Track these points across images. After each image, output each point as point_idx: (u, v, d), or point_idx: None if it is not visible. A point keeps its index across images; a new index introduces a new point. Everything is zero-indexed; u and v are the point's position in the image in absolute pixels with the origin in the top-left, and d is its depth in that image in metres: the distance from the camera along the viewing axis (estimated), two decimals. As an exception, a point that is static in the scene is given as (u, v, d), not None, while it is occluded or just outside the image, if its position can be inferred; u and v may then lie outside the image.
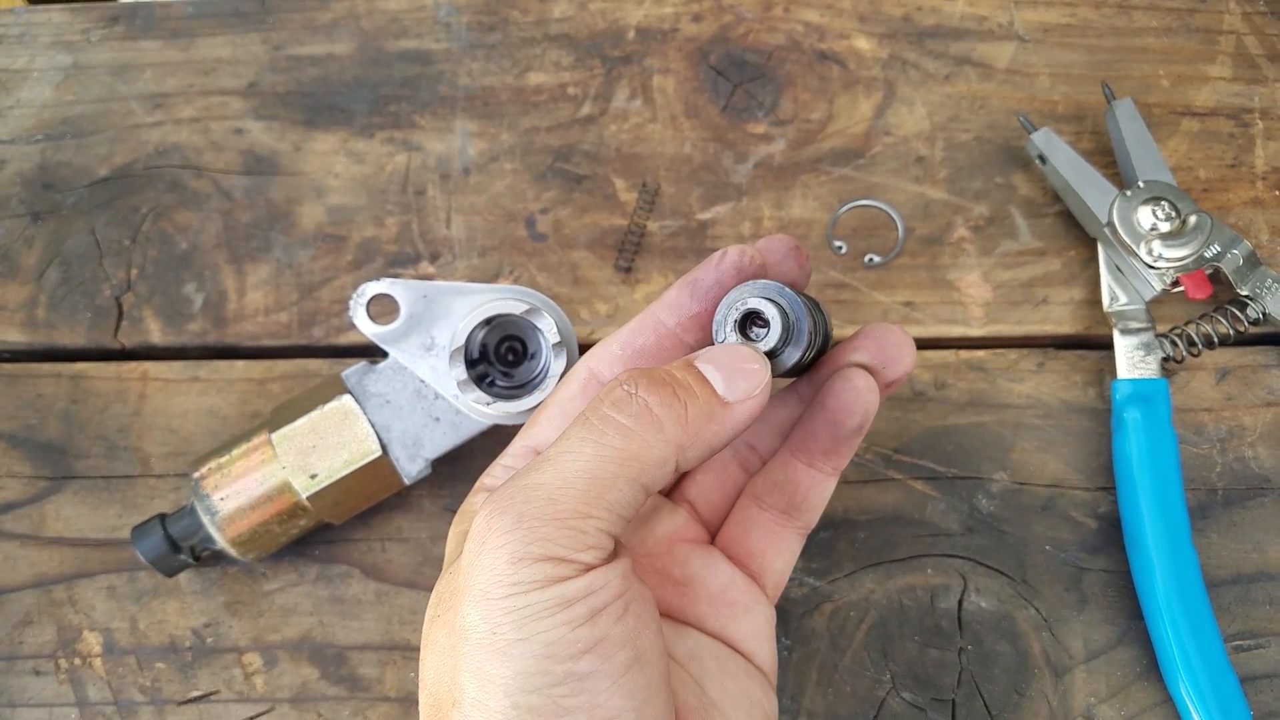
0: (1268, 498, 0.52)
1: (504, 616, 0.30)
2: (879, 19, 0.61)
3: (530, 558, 0.30)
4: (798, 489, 0.41)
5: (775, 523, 0.41)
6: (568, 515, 0.31)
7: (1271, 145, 0.58)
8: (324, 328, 0.55)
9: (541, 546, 0.30)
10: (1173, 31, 0.60)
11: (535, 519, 0.31)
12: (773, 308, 0.35)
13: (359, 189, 0.58)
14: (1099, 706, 0.48)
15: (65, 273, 0.57)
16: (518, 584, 0.30)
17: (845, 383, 0.38)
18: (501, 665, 0.30)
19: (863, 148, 0.58)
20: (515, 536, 0.30)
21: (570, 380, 0.39)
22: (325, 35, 0.61)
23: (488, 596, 0.30)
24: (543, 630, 0.30)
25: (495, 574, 0.30)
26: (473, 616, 0.31)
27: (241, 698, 0.50)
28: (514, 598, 0.30)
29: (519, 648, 0.30)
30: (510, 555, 0.30)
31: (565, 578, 0.30)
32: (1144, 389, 0.51)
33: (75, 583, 0.52)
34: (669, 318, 0.37)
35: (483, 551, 0.31)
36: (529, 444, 0.39)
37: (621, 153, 0.58)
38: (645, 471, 0.32)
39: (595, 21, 0.61)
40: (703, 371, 0.34)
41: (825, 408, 0.38)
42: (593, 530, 0.31)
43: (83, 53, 0.61)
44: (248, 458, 0.47)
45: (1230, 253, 0.52)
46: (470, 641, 0.31)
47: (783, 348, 0.35)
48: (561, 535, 0.30)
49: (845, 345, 0.40)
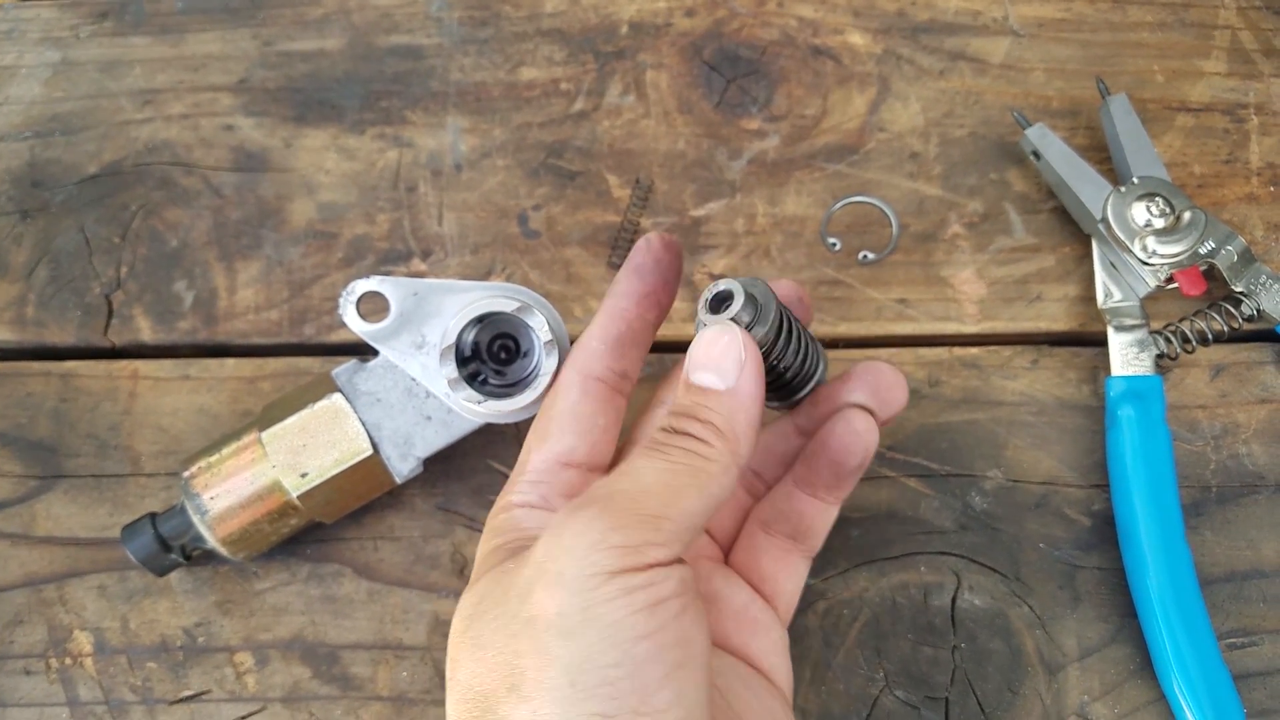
0: (1261, 495, 0.51)
1: (571, 598, 0.32)
2: (873, 14, 0.60)
3: (608, 544, 0.32)
4: (802, 517, 0.43)
5: (782, 548, 0.43)
6: (648, 513, 0.33)
7: (1266, 141, 0.58)
8: (315, 325, 0.55)
9: (621, 535, 0.32)
10: (1168, 26, 0.60)
11: (619, 512, 0.33)
12: (735, 284, 0.37)
13: (350, 186, 0.58)
14: (1092, 704, 0.48)
15: (55, 271, 0.56)
16: (592, 565, 0.32)
17: (846, 425, 0.40)
18: (564, 644, 0.31)
19: (857, 144, 0.58)
20: (598, 524, 0.32)
21: (569, 388, 0.42)
22: (316, 31, 0.61)
23: (561, 580, 0.32)
24: (605, 612, 0.31)
25: (573, 557, 0.32)
26: (545, 602, 0.32)
27: (233, 697, 0.50)
28: (585, 578, 0.32)
29: (582, 628, 0.31)
30: (590, 542, 0.32)
31: (635, 567, 0.32)
32: (1138, 386, 0.51)
33: (66, 582, 0.51)
34: (629, 304, 0.42)
35: (562, 538, 0.33)
36: (553, 456, 0.41)
37: (614, 149, 0.58)
38: (710, 482, 0.35)
39: (588, 16, 0.61)
40: (697, 380, 0.37)
41: (827, 447, 0.41)
42: (667, 530, 0.33)
43: (71, 49, 0.61)
44: (237, 457, 0.46)
45: (1225, 249, 0.52)
46: (539, 625, 0.32)
47: (751, 322, 0.37)
48: (641, 528, 0.33)
49: (840, 385, 0.42)
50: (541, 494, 0.41)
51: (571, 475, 0.41)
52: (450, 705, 0.35)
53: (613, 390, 0.42)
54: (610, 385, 0.42)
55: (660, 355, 0.54)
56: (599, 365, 0.41)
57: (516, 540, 0.39)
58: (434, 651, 0.50)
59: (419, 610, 0.51)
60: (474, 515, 0.52)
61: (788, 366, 0.40)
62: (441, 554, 0.51)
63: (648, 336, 0.43)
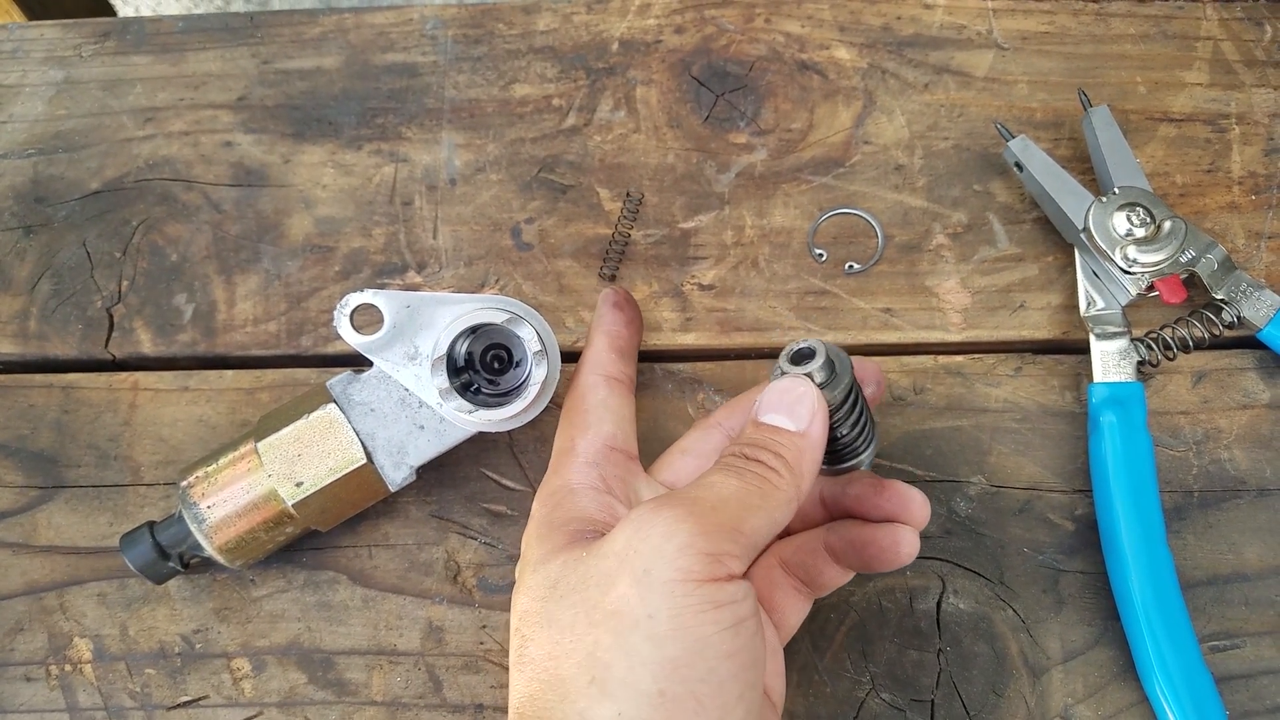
0: (1243, 500, 0.52)
1: (663, 601, 0.33)
2: (859, 29, 0.61)
3: (695, 549, 0.34)
4: (820, 574, 0.45)
5: (794, 587, 0.46)
6: (726, 525, 0.35)
7: (1248, 150, 0.59)
8: (312, 337, 0.56)
9: (707, 541, 0.34)
10: (1150, 38, 0.61)
11: (702, 517, 0.35)
12: (820, 345, 0.40)
13: (347, 200, 0.59)
14: (1076, 707, 0.49)
15: (57, 285, 0.58)
16: (680, 570, 0.33)
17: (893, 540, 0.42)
18: (656, 649, 0.33)
19: (843, 156, 0.59)
20: (685, 526, 0.34)
21: (595, 386, 0.48)
22: (313, 49, 0.62)
23: (649, 580, 0.33)
24: (696, 625, 0.33)
25: (662, 556, 0.34)
26: (632, 597, 0.33)
27: (230, 702, 0.50)
28: (674, 583, 0.33)
29: (673, 636, 0.33)
30: (678, 543, 0.34)
31: (718, 578, 0.34)
32: (1120, 392, 0.51)
33: (66, 590, 0.52)
34: (619, 327, 0.50)
35: (650, 535, 0.34)
36: (601, 440, 0.46)
37: (606, 163, 0.59)
38: (776, 507, 0.37)
39: (579, 34, 0.62)
40: (769, 420, 0.39)
41: (871, 547, 0.43)
42: (742, 543, 0.35)
43: (74, 68, 0.62)
44: (234, 466, 0.47)
45: (1205, 257, 0.53)
46: (625, 621, 0.33)
47: (824, 382, 0.40)
48: (721, 536, 0.34)
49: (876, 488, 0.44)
50: (600, 475, 0.44)
51: (619, 458, 0.46)
52: (519, 682, 0.37)
53: (626, 388, 0.48)
54: (624, 384, 0.48)
55: (650, 365, 0.55)
56: (614, 368, 0.48)
57: (586, 526, 0.41)
58: (428, 657, 0.51)
59: (413, 616, 0.51)
60: (467, 522, 0.53)
61: (842, 435, 0.42)
62: (435, 561, 0.52)
63: (635, 351, 0.52)
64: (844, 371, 0.41)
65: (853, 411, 0.42)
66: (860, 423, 0.43)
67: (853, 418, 0.42)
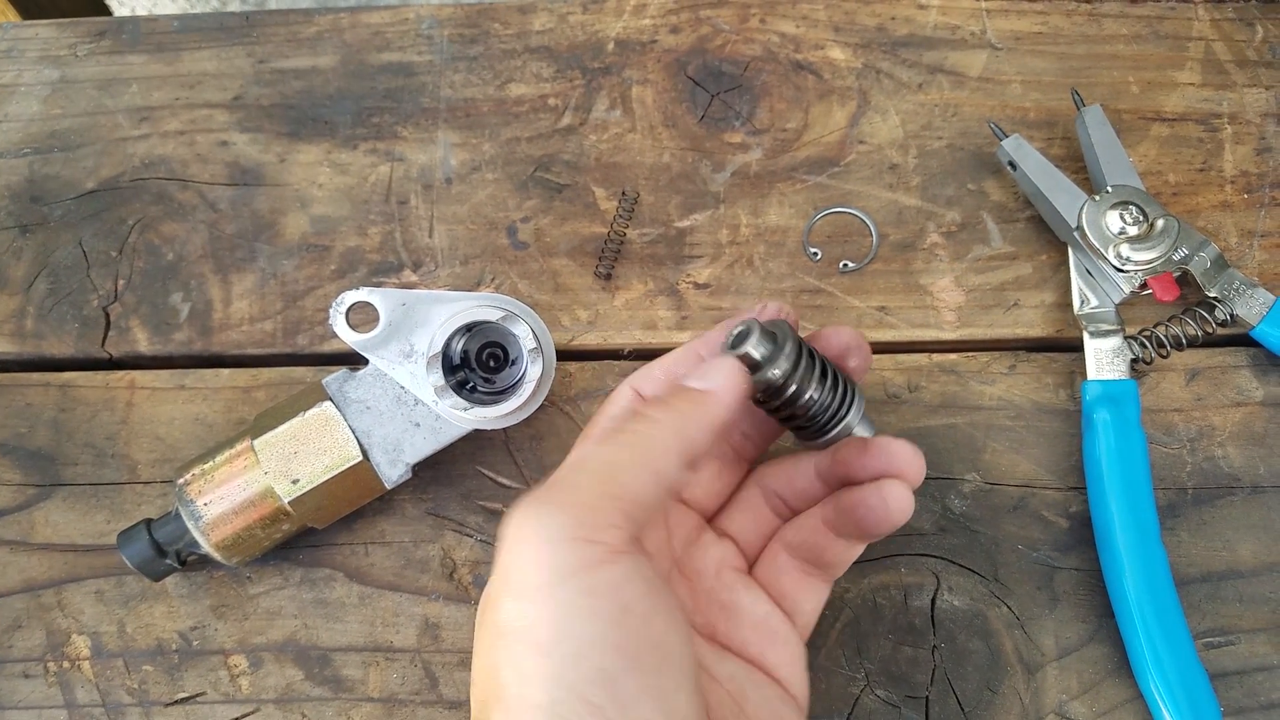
0: (1237, 497, 0.52)
1: (535, 608, 0.32)
2: (853, 29, 0.62)
3: (556, 539, 0.32)
4: (825, 552, 0.43)
5: (803, 570, 0.44)
6: (589, 498, 0.34)
7: (1240, 149, 0.59)
8: (308, 336, 0.56)
9: (568, 527, 0.33)
10: (1142, 39, 0.61)
11: (558, 504, 0.33)
12: (753, 322, 0.40)
13: (342, 199, 0.59)
14: (1070, 703, 0.49)
15: (53, 284, 0.58)
16: (550, 568, 0.32)
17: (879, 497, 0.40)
18: (539, 661, 0.31)
19: (837, 156, 0.59)
20: (542, 523, 0.33)
21: (620, 397, 0.44)
22: (309, 49, 0.62)
23: (523, 589, 0.32)
24: (573, 623, 0.32)
25: (527, 563, 0.32)
26: (511, 613, 0.32)
27: (227, 699, 0.51)
28: (542, 587, 0.32)
29: (556, 641, 0.31)
30: (538, 541, 0.33)
31: (593, 562, 0.32)
32: (1113, 390, 0.52)
33: (64, 587, 0.52)
34: (706, 352, 0.43)
35: (514, 545, 0.33)
36: None
37: (601, 162, 0.59)
38: (652, 463, 0.35)
39: (575, 34, 0.62)
40: (686, 383, 0.38)
41: (860, 508, 0.40)
42: (613, 510, 0.34)
43: (70, 67, 0.62)
44: (230, 464, 0.48)
45: (1198, 255, 0.53)
46: (510, 637, 0.32)
47: (768, 355, 0.39)
48: (584, 514, 0.33)
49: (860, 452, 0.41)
50: None
51: None
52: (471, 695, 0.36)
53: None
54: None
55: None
56: (649, 386, 0.44)
57: None
58: (424, 654, 0.51)
59: (409, 613, 0.52)
60: (463, 520, 0.53)
61: (811, 401, 0.41)
62: (431, 558, 0.52)
63: None
64: (785, 341, 0.40)
65: (813, 376, 0.41)
66: (831, 387, 0.41)
67: (815, 383, 0.41)
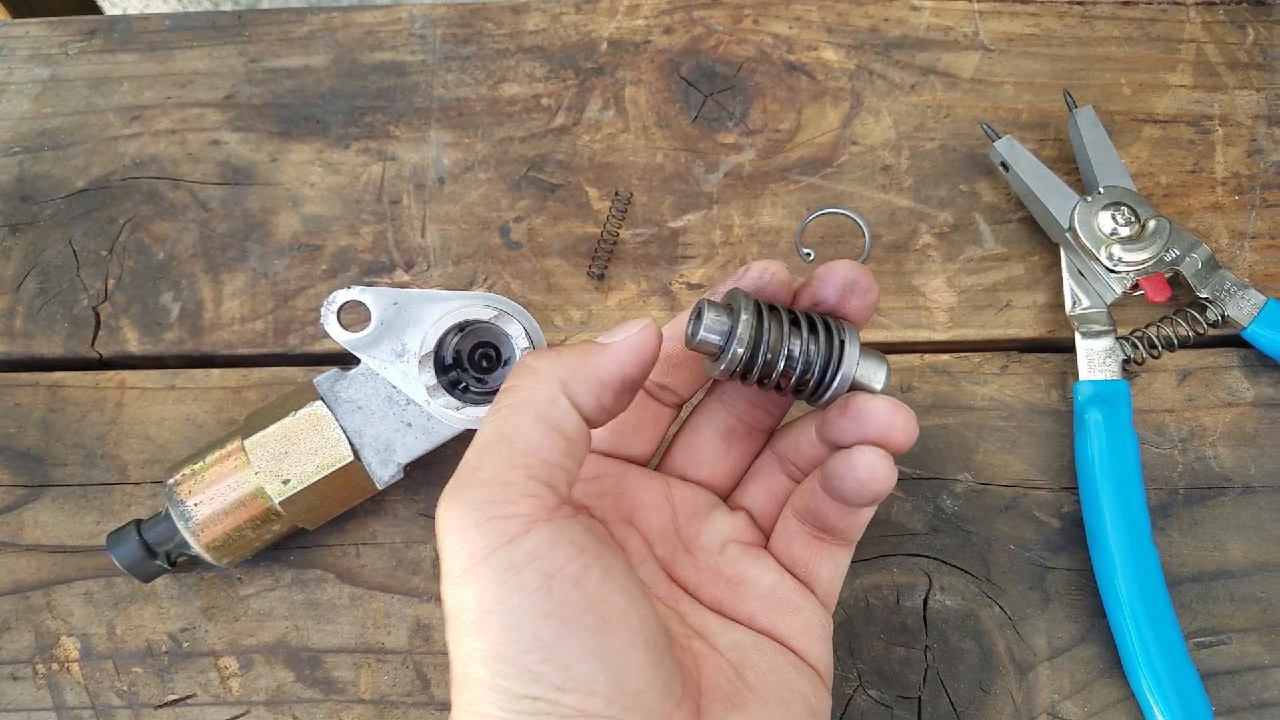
0: (1228, 497, 0.53)
1: (467, 592, 0.32)
2: (846, 30, 0.62)
3: (475, 521, 0.33)
4: (828, 517, 0.41)
5: (813, 536, 0.43)
6: (494, 473, 0.34)
7: (1231, 151, 0.59)
8: (299, 336, 0.56)
9: (482, 507, 0.33)
10: (1134, 40, 0.62)
11: (471, 486, 0.33)
12: (703, 301, 0.39)
13: (334, 199, 0.59)
14: (1062, 703, 0.49)
15: (43, 283, 0.57)
16: (465, 552, 0.32)
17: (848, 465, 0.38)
18: (475, 639, 0.32)
19: (830, 157, 0.59)
20: (459, 509, 0.33)
21: None
22: (301, 48, 0.62)
23: (453, 576, 0.33)
24: (502, 600, 0.32)
25: (452, 550, 0.33)
26: (449, 600, 0.33)
27: (218, 701, 0.50)
28: (466, 572, 0.32)
29: (488, 619, 0.32)
30: (459, 529, 0.33)
31: (511, 535, 0.32)
32: (1105, 390, 0.52)
33: (53, 589, 0.52)
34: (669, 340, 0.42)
35: (441, 536, 0.33)
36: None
37: (594, 162, 0.59)
38: (541, 412, 0.35)
39: (568, 34, 0.62)
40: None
41: (834, 478, 0.39)
42: (521, 479, 0.34)
43: (60, 65, 0.62)
44: (221, 464, 0.47)
45: (1189, 256, 0.53)
46: (450, 624, 0.33)
47: (723, 338, 0.38)
48: (494, 491, 0.33)
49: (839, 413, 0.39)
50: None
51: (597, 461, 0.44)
52: None
53: (648, 396, 0.44)
54: (647, 392, 0.44)
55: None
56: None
57: None
58: (415, 655, 0.51)
59: (401, 615, 0.51)
60: (455, 521, 0.53)
61: (793, 367, 0.39)
62: (423, 559, 0.52)
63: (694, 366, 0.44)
64: (740, 308, 0.38)
65: (784, 340, 0.38)
66: (813, 344, 0.39)
67: (787, 347, 0.38)
